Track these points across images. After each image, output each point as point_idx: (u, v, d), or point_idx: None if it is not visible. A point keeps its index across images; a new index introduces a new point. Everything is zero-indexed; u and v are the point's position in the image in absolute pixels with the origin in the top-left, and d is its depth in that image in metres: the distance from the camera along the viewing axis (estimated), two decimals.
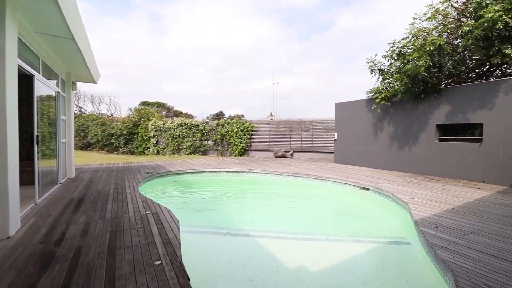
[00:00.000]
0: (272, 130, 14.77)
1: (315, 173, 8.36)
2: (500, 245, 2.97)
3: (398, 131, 8.91)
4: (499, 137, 6.44)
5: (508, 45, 5.92)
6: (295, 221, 4.98)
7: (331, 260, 3.32)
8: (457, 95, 7.31)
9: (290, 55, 42.56)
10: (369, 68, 8.94)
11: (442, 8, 7.27)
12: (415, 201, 4.93)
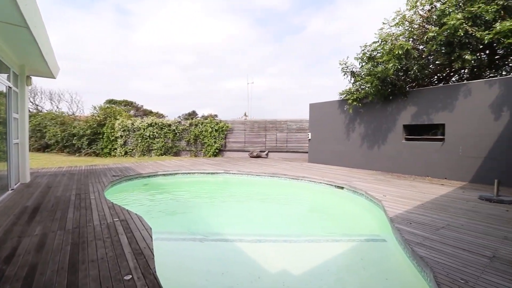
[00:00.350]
0: (247, 130, 14.65)
1: (291, 172, 8.39)
2: (469, 239, 3.13)
3: (368, 131, 9.28)
4: (459, 136, 6.96)
5: (468, 51, 6.43)
6: (274, 223, 4.89)
7: (312, 261, 3.27)
8: (421, 97, 7.78)
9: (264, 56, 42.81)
10: (342, 70, 9.20)
11: (408, 15, 7.71)
12: (388, 198, 5.10)
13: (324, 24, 40.23)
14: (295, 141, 14.11)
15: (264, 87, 41.30)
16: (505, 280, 2.20)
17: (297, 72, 44.23)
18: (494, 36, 5.82)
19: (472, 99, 6.73)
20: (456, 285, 2.16)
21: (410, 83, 8.34)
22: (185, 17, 39.71)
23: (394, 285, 2.76)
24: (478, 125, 6.60)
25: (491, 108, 6.41)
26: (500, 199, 4.77)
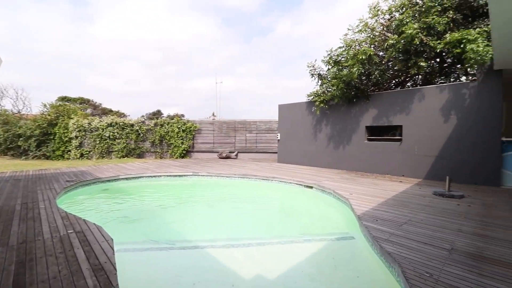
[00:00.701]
0: (216, 130, 14.37)
1: (261, 173, 8.38)
2: (428, 233, 3.36)
3: (334, 132, 9.67)
4: (415, 137, 7.56)
5: (422, 58, 7.03)
6: (246, 226, 4.80)
7: (286, 263, 3.24)
8: (382, 100, 8.31)
9: (232, 56, 42.62)
10: (310, 72, 9.45)
11: (371, 22, 8.19)
12: (354, 196, 5.32)
13: (291, 27, 41.34)
14: (265, 142, 14.20)
15: (232, 87, 41.10)
16: (464, 271, 2.38)
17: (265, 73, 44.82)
18: (445, 45, 6.43)
19: (426, 103, 7.35)
20: (422, 279, 2.27)
21: (371, 87, 8.86)
22: (149, 11, 37.85)
23: (365, 283, 2.84)
24: (431, 127, 7.23)
25: (441, 111, 7.06)
26: (451, 194, 5.26)
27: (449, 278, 2.27)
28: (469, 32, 6.01)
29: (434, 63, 7.90)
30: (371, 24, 8.17)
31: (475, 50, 5.76)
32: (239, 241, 3.96)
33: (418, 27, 6.55)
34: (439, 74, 8.09)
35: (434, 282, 2.21)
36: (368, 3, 8.19)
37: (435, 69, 7.88)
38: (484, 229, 3.48)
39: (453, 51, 6.35)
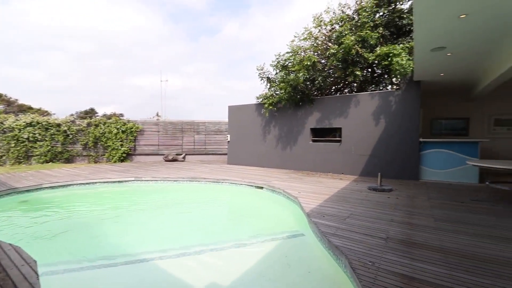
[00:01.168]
0: (161, 131, 13.51)
1: (211, 176, 8.18)
2: (368, 224, 3.72)
3: (282, 134, 10.05)
4: (351, 138, 8.37)
5: (358, 68, 7.84)
6: (197, 232, 4.58)
7: (241, 267, 3.19)
8: (324, 104, 8.98)
9: (179, 54, 40.87)
10: (259, 75, 9.65)
11: (315, 32, 8.79)
12: (302, 194, 5.59)
13: (239, 29, 41.77)
14: (214, 143, 13.94)
15: (179, 86, 39.38)
16: (399, 257, 2.69)
17: (214, 73, 44.26)
18: (376, 57, 7.31)
19: (360, 108, 8.22)
20: (366, 267, 2.48)
21: (315, 92, 9.51)
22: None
23: (316, 277, 2.97)
24: (365, 129, 8.11)
25: (373, 115, 7.98)
26: (383, 188, 5.96)
27: (388, 265, 2.53)
28: (395, 47, 6.97)
29: (367, 72, 8.91)
30: (315, 33, 8.78)
31: (399, 63, 6.69)
32: (190, 248, 3.74)
33: (354, 39, 7.32)
34: (371, 82, 9.17)
35: (376, 270, 2.43)
36: (312, 13, 8.80)
37: (368, 78, 8.91)
38: (410, 218, 4.02)
39: (382, 63, 7.27)
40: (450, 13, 3.43)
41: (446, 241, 3.11)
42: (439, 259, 2.63)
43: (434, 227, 3.60)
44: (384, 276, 2.32)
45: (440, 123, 10.03)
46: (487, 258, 2.65)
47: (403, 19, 7.77)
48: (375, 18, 7.86)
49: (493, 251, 2.82)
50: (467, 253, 2.77)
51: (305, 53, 8.56)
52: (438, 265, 2.51)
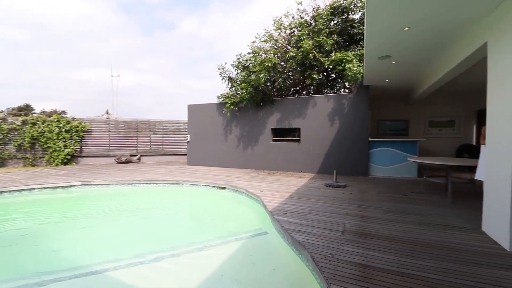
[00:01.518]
0: (113, 131, 12.49)
1: (170, 177, 7.83)
2: (326, 219, 3.94)
3: (244, 133, 10.09)
4: (310, 138, 8.79)
5: (315, 71, 8.27)
6: (156, 237, 4.33)
7: (205, 270, 3.11)
8: (284, 105, 9.27)
9: (132, 47, 38.17)
10: (220, 74, 9.54)
11: (275, 34, 9.00)
12: (265, 193, 5.69)
13: (197, 27, 40.72)
14: (173, 143, 13.37)
15: (132, 82, 36.73)
16: (355, 247, 2.90)
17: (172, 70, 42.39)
18: (331, 62, 7.80)
19: (317, 109, 8.67)
20: (327, 260, 2.62)
21: (276, 93, 9.75)
22: None
23: (281, 273, 3.05)
24: (321, 130, 8.58)
25: (328, 117, 8.49)
26: (338, 184, 6.38)
27: (345, 255, 2.71)
28: (348, 54, 7.51)
29: (323, 76, 9.45)
30: (275, 36, 9.01)
31: (351, 69, 7.23)
32: (148, 256, 3.51)
33: (312, 44, 7.70)
34: (326, 85, 9.74)
35: (336, 261, 2.59)
36: (272, 16, 9.01)
37: (324, 81, 9.45)
38: (363, 211, 4.37)
39: (337, 68, 7.78)
40: (395, 25, 3.83)
41: (393, 230, 3.45)
42: (388, 247, 2.91)
43: (383, 218, 3.97)
44: (343, 266, 2.48)
45: (385, 124, 11.12)
46: (428, 243, 3.02)
47: (354, 28, 8.43)
48: (330, 25, 8.39)
49: (432, 236, 3.22)
50: (411, 240, 3.11)
51: (265, 55, 8.72)
52: (388, 252, 2.77)
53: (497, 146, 3.13)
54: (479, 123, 9.66)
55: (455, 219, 3.91)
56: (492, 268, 2.44)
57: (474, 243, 3.03)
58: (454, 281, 2.23)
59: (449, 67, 5.00)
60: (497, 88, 3.18)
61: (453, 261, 2.57)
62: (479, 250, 2.83)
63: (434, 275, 2.31)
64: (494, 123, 3.22)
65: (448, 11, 3.39)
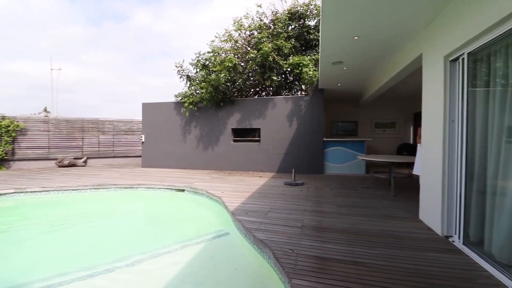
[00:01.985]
0: (54, 131, 11.14)
1: (123, 181, 7.29)
2: (286, 216, 4.08)
3: (203, 134, 9.88)
4: (269, 138, 9.00)
5: (274, 73, 8.49)
6: (107, 247, 3.99)
7: (164, 277, 2.97)
8: (244, 105, 9.33)
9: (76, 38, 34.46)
10: (178, 72, 9.19)
11: (235, 35, 9.00)
12: (225, 194, 5.65)
13: (152, 20, 38.58)
14: (125, 145, 12.45)
15: (77, 77, 33.16)
16: (313, 241, 3.06)
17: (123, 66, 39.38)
18: (289, 66, 8.09)
19: (276, 110, 8.93)
20: (287, 255, 2.72)
21: (236, 93, 9.76)
22: None
23: (243, 273, 3.06)
24: (280, 130, 8.86)
25: (287, 117, 8.80)
26: (296, 182, 6.65)
27: (304, 249, 2.85)
28: (304, 58, 7.89)
29: (282, 78, 9.76)
30: (235, 36, 9.01)
31: (307, 73, 7.61)
32: (99, 267, 3.23)
33: (271, 47, 7.91)
34: (285, 87, 10.08)
35: (296, 256, 2.70)
36: (232, 16, 9.00)
37: (282, 83, 9.77)
38: (319, 206, 4.63)
39: (294, 71, 8.11)
40: (347, 34, 4.14)
41: (346, 223, 3.73)
42: (342, 239, 3.14)
43: (337, 212, 4.26)
44: (303, 260, 2.60)
45: (337, 125, 11.96)
46: (375, 233, 3.33)
47: (310, 34, 8.89)
48: (288, 30, 8.71)
49: (378, 227, 3.57)
50: (361, 231, 3.40)
51: (226, 54, 8.67)
52: (342, 244, 2.99)
53: (430, 145, 3.61)
54: (415, 125, 10.99)
55: (397, 210, 4.38)
56: (428, 251, 2.80)
57: (413, 230, 3.43)
58: (398, 265, 2.50)
59: (391, 75, 5.59)
60: (429, 94, 3.66)
61: (396, 248, 2.88)
62: (417, 237, 3.22)
63: (382, 262, 2.56)
64: (428, 124, 3.70)
65: (390, 25, 3.79)
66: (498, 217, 2.39)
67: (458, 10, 2.94)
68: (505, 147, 2.31)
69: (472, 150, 2.82)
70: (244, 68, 9.20)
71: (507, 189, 2.29)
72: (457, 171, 3.04)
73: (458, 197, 3.02)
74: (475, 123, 2.79)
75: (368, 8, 3.31)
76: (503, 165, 2.33)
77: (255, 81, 9.71)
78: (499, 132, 2.39)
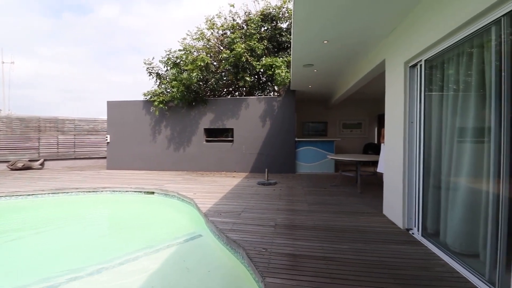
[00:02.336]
0: (5, 130, 10.06)
1: (85, 184, 6.82)
2: (259, 215, 4.11)
3: (174, 134, 9.59)
4: (243, 138, 9.00)
5: (247, 74, 8.50)
6: (69, 256, 3.70)
7: (134, 283, 2.83)
8: (217, 105, 9.23)
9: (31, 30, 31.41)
10: (147, 70, 8.82)
11: (207, 34, 8.86)
12: (198, 195, 5.54)
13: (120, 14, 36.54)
14: (88, 145, 11.64)
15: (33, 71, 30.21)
16: (285, 239, 3.12)
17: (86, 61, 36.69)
18: (262, 67, 8.16)
19: (250, 110, 8.96)
20: (261, 254, 2.74)
21: (209, 93, 9.61)
22: None
23: (217, 274, 3.03)
24: (254, 130, 8.90)
25: (260, 118, 8.87)
26: (269, 182, 6.73)
27: (278, 248, 2.89)
28: (277, 59, 8.01)
29: (255, 79, 9.82)
30: (207, 35, 8.87)
31: (280, 74, 7.74)
32: (57, 279, 2.98)
33: (244, 47, 7.91)
34: (258, 88, 10.15)
35: (269, 254, 2.73)
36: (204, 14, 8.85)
37: (255, 83, 9.82)
38: (291, 205, 4.73)
39: (267, 72, 8.20)
40: (317, 38, 4.29)
41: (316, 220, 3.85)
42: (313, 235, 3.24)
43: (308, 210, 4.39)
44: (276, 258, 2.63)
45: (309, 125, 12.34)
46: (343, 229, 3.48)
47: (282, 36, 9.05)
48: (261, 31, 8.78)
49: (346, 222, 3.74)
50: (331, 227, 3.54)
51: (198, 53, 8.50)
52: (313, 241, 3.08)
53: (392, 144, 3.87)
54: (379, 126, 11.72)
55: (363, 206, 4.63)
56: (391, 244, 3.00)
57: (377, 224, 3.65)
58: (364, 258, 2.64)
59: (357, 79, 5.90)
60: (391, 97, 3.93)
61: (362, 242, 3.04)
62: (381, 231, 3.43)
63: (350, 256, 2.69)
64: (390, 125, 3.97)
65: (356, 32, 4.00)
66: (451, 210, 2.63)
67: (416, 21, 3.19)
68: (457, 146, 2.56)
69: (429, 149, 3.08)
70: (217, 67, 9.10)
71: (458, 185, 2.53)
72: (416, 169, 3.30)
73: (416, 192, 3.28)
74: (431, 125, 3.05)
75: (337, 15, 3.46)
76: (455, 163, 2.57)
77: (228, 81, 9.64)
78: (451, 133, 2.64)
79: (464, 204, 2.45)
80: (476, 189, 2.32)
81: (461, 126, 2.51)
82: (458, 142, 2.54)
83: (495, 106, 2.06)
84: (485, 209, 2.15)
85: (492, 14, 2.05)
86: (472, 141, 2.38)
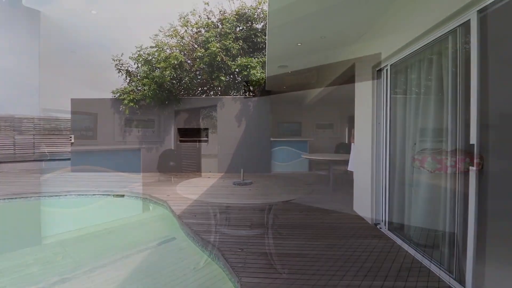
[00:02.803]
0: None
1: (47, 188, 6.32)
2: (235, 216, 4.10)
3: (146, 134, 9.22)
4: (218, 138, 8.91)
5: (222, 73, 8.44)
6: (32, 268, 3.40)
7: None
8: (192, 105, 9.04)
9: None
10: (116, 66, 8.38)
11: (181, 31, 8.64)
12: (171, 197, 5.39)
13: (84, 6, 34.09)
14: (50, 146, 10.77)
15: None
16: (262, 239, 3.15)
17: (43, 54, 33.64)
18: (237, 67, 8.15)
19: (225, 110, 8.89)
20: (237, 254, 2.74)
21: (182, 91, 9.38)
22: None
23: (192, 277, 2.96)
24: (229, 130, 8.85)
25: (236, 118, 8.84)
26: (245, 182, 6.74)
27: (252, 247, 2.91)
28: (252, 60, 8.05)
29: (230, 78, 9.77)
30: (181, 32, 8.65)
31: (255, 74, 7.79)
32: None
33: (219, 47, 7.84)
34: (233, 88, 10.11)
35: (245, 254, 2.74)
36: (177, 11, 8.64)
37: (231, 83, 9.78)
38: (267, 205, 4.78)
39: (242, 72, 8.21)
40: (291, 40, 4.38)
41: (291, 218, 3.93)
42: (289, 234, 3.30)
43: (283, 208, 4.47)
44: (252, 258, 2.65)
45: (283, 126, 12.55)
46: (317, 226, 3.60)
47: (257, 37, 9.11)
48: (236, 31, 8.76)
49: (319, 220, 3.86)
50: (305, 225, 3.64)
51: (171, 51, 8.26)
52: (288, 239, 3.14)
53: (361, 144, 4.07)
54: (350, 126, 12.26)
55: (335, 203, 4.82)
56: (361, 239, 3.15)
57: (348, 221, 3.82)
58: (337, 253, 2.75)
59: (329, 81, 6.13)
60: (360, 99, 4.13)
61: (334, 238, 3.17)
62: (352, 226, 3.59)
63: (323, 251, 2.79)
64: (359, 126, 4.17)
65: (328, 36, 4.15)
66: (413, 205, 2.83)
67: (382, 28, 3.39)
68: (418, 145, 2.76)
69: (394, 148, 3.29)
70: (191, 66, 8.91)
71: (420, 181, 2.73)
72: (383, 167, 3.51)
73: (383, 189, 3.48)
74: (396, 125, 3.26)
75: (310, 19, 3.56)
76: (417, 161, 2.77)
77: (203, 80, 9.49)
78: (414, 133, 2.84)
79: (425, 200, 2.66)
80: (435, 185, 2.53)
81: (422, 127, 2.71)
82: (420, 141, 2.74)
83: (451, 108, 2.26)
84: (444, 204, 2.35)
85: (448, 24, 2.24)
86: (432, 141, 2.59)
